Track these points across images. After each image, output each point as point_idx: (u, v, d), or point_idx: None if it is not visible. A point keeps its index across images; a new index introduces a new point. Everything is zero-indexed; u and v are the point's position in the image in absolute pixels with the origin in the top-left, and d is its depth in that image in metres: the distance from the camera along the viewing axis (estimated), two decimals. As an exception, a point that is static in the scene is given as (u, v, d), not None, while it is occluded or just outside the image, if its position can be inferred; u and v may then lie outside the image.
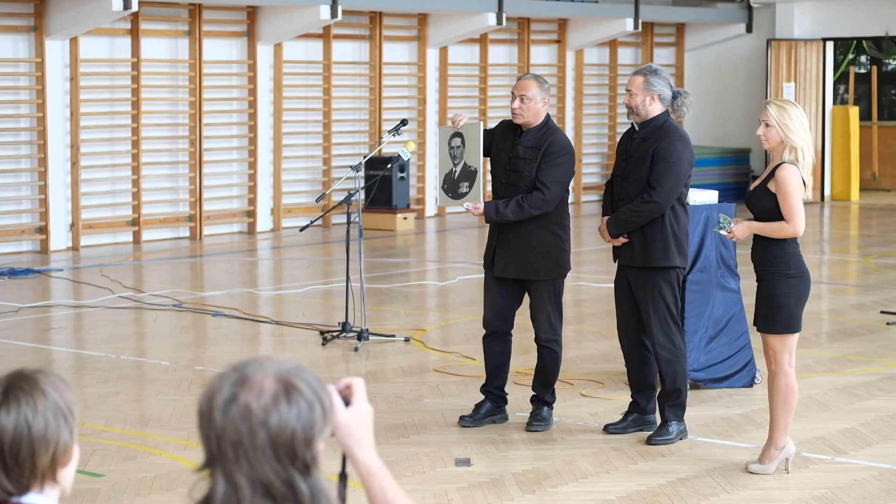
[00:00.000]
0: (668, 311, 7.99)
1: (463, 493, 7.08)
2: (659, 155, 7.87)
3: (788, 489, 7.19)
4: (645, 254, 7.97)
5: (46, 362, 10.32)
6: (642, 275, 8.01)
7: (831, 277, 15.15)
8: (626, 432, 8.17)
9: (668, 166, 7.85)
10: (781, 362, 7.35)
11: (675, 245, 7.97)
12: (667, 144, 7.88)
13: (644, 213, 7.89)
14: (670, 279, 8.00)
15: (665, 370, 8.03)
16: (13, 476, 2.71)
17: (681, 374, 8.04)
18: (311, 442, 2.46)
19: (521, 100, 8.15)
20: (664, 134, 7.92)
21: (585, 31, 22.18)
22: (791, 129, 7.20)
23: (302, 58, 19.18)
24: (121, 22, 17.11)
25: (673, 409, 8.05)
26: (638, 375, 8.22)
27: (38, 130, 16.52)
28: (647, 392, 8.20)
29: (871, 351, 10.76)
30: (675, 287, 8.03)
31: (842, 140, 23.00)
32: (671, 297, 8.00)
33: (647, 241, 7.95)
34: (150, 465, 7.58)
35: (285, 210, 18.96)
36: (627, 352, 8.23)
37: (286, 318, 12.13)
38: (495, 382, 8.44)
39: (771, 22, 23.31)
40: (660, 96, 7.98)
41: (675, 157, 7.87)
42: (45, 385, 2.73)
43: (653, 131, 7.96)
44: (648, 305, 7.99)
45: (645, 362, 8.18)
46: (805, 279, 7.34)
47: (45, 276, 14.63)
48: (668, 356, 8.00)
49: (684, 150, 7.93)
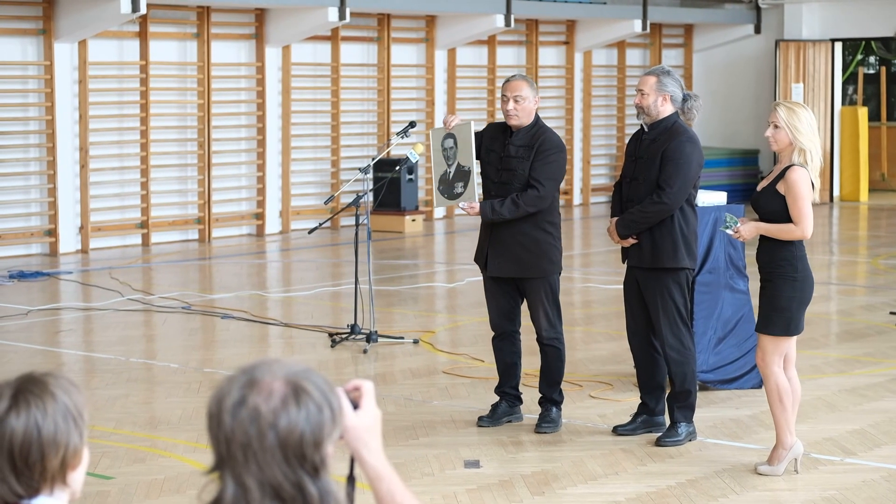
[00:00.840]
0: (678, 312, 7.99)
1: (472, 494, 7.08)
2: (668, 156, 7.87)
3: (797, 490, 7.18)
4: (654, 255, 7.97)
5: (56, 365, 10.34)
6: (651, 276, 8.01)
7: (840, 278, 15.13)
8: (636, 434, 8.17)
9: (678, 167, 7.85)
10: (770, 363, 7.35)
11: (685, 246, 7.97)
12: (676, 145, 7.88)
13: (653, 214, 7.90)
14: (679, 280, 8.00)
15: (674, 371, 8.03)
16: (23, 479, 2.72)
17: (690, 376, 8.04)
18: (319, 444, 2.46)
19: (514, 101, 8.19)
20: (673, 135, 7.92)
21: (593, 33, 22.18)
22: (800, 132, 7.20)
23: (310, 60, 19.20)
24: (129, 25, 17.13)
25: (682, 411, 8.04)
26: (647, 377, 8.22)
27: (47, 133, 16.55)
28: (656, 393, 8.20)
29: (879, 352, 10.75)
30: (684, 288, 8.03)
31: (850, 141, 22.97)
32: (680, 297, 8.01)
33: (655, 243, 7.95)
34: (160, 467, 7.59)
35: (294, 212, 18.98)
36: (637, 353, 8.23)
37: (295, 320, 12.14)
38: (509, 383, 8.46)
39: (779, 22, 23.29)
40: (672, 97, 7.99)
41: (685, 158, 7.87)
42: (54, 388, 2.74)
43: (662, 132, 7.96)
44: (658, 306, 7.99)
45: (654, 363, 8.18)
46: (809, 283, 7.34)
47: (55, 278, 14.66)
48: (677, 357, 8.00)
49: (693, 151, 7.93)
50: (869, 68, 26.23)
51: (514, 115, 8.20)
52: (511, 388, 8.47)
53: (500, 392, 8.48)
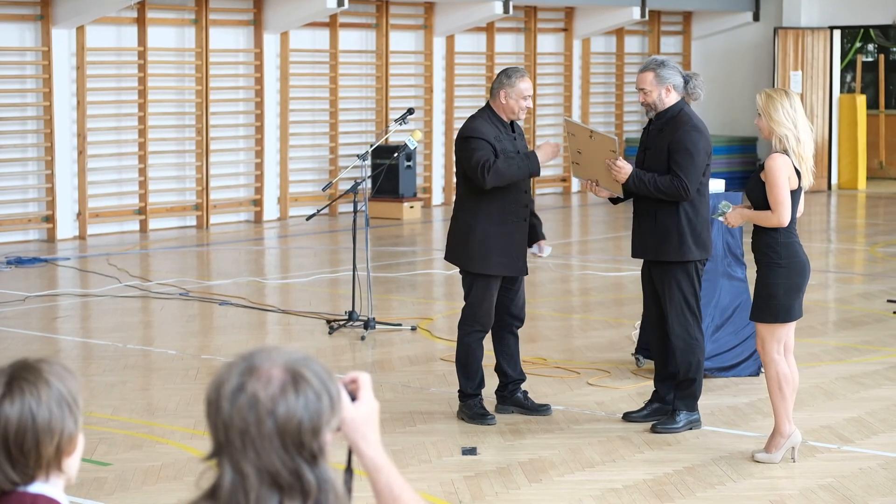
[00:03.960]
0: (686, 302, 7.99)
1: (469, 481, 7.09)
2: (675, 147, 7.85)
3: (794, 478, 7.19)
4: (658, 248, 7.96)
5: (53, 351, 10.34)
6: (660, 267, 8.02)
7: (838, 266, 15.13)
8: (646, 421, 8.16)
9: (685, 157, 7.83)
10: (769, 350, 7.36)
11: (693, 238, 7.92)
12: (682, 135, 7.86)
13: (666, 189, 7.83)
14: (688, 271, 7.99)
15: (679, 360, 8.03)
16: (18, 466, 2.72)
17: (695, 365, 8.03)
18: (318, 432, 2.46)
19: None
20: (678, 125, 7.90)
21: (592, 20, 22.15)
22: (774, 119, 7.20)
23: (308, 46, 19.17)
24: (127, 11, 17.10)
25: (683, 399, 8.05)
26: (660, 365, 8.23)
27: (45, 119, 16.53)
28: (668, 382, 8.19)
29: (877, 340, 10.75)
30: (692, 278, 8.01)
31: (849, 129, 22.96)
32: (688, 288, 8.00)
33: (660, 236, 7.93)
34: (157, 453, 7.59)
35: (292, 199, 18.97)
36: (652, 342, 8.27)
37: (293, 306, 12.13)
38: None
39: (778, 10, 23.26)
40: (674, 86, 7.96)
41: (692, 146, 7.85)
42: (48, 375, 2.73)
43: (668, 122, 7.94)
44: (665, 296, 8.00)
45: (667, 353, 8.17)
46: (798, 269, 7.31)
47: (52, 264, 14.65)
48: (682, 346, 8.01)
49: (699, 139, 7.90)
50: (867, 56, 26.21)
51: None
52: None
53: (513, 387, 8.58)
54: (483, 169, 7.96)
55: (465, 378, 8.30)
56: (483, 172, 7.96)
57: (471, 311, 8.26)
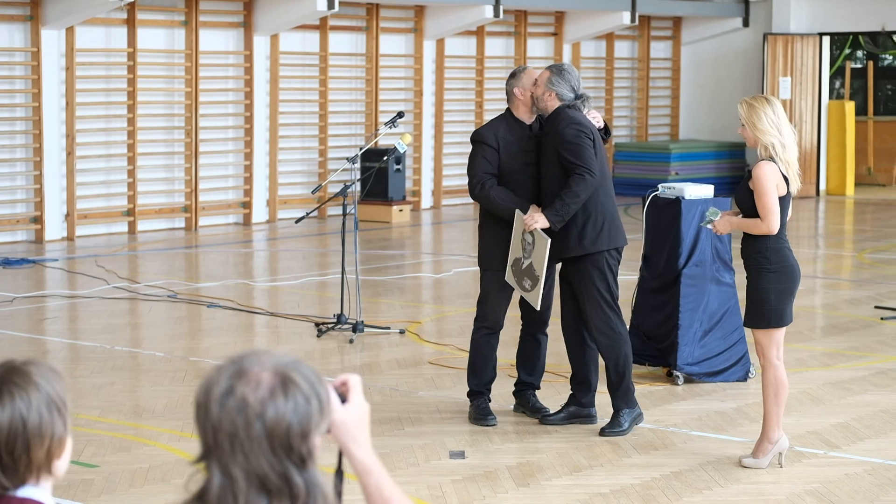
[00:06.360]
0: (601, 297, 7.96)
1: (457, 485, 7.09)
2: (559, 143, 7.86)
3: (781, 483, 7.20)
4: (561, 246, 7.94)
5: (41, 353, 10.32)
6: (571, 265, 8.03)
7: (825, 272, 15.17)
8: (563, 424, 8.18)
9: (572, 147, 7.81)
10: (769, 356, 7.38)
11: (592, 229, 7.91)
12: (561, 130, 7.87)
13: (577, 189, 7.79)
14: (598, 264, 7.95)
15: (606, 356, 8.03)
16: (9, 471, 2.71)
17: (623, 359, 8.01)
18: (307, 436, 2.46)
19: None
20: (557, 122, 7.92)
21: (582, 24, 22.17)
22: (758, 128, 7.24)
23: (298, 49, 19.17)
24: (117, 12, 17.09)
25: (621, 397, 8.05)
26: (576, 368, 8.25)
27: (34, 120, 16.50)
28: (583, 386, 8.21)
29: (864, 346, 10.78)
30: (605, 272, 7.96)
31: (837, 135, 23.01)
32: (601, 281, 7.96)
33: (560, 234, 7.90)
34: (145, 455, 7.58)
35: (281, 201, 18.96)
36: (567, 344, 8.25)
37: (281, 309, 12.13)
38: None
39: (767, 16, 23.31)
40: (558, 95, 7.95)
41: (573, 137, 7.83)
42: (37, 378, 2.73)
43: (549, 123, 8.00)
44: (582, 293, 7.99)
45: (583, 355, 8.17)
46: (789, 274, 7.34)
47: (40, 266, 14.63)
48: (605, 341, 8.00)
49: (579, 127, 7.85)
50: (856, 62, 26.28)
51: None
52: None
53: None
54: (479, 184, 8.08)
55: (472, 375, 8.35)
56: (477, 186, 8.09)
57: (478, 309, 8.37)
